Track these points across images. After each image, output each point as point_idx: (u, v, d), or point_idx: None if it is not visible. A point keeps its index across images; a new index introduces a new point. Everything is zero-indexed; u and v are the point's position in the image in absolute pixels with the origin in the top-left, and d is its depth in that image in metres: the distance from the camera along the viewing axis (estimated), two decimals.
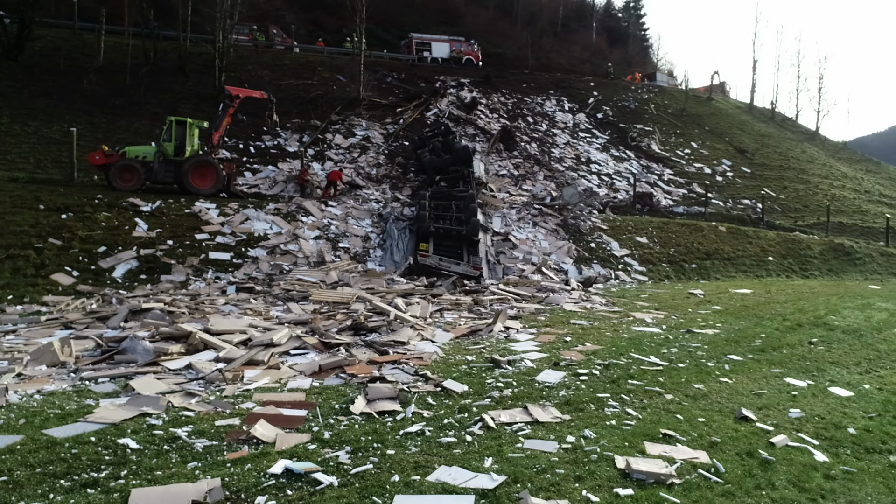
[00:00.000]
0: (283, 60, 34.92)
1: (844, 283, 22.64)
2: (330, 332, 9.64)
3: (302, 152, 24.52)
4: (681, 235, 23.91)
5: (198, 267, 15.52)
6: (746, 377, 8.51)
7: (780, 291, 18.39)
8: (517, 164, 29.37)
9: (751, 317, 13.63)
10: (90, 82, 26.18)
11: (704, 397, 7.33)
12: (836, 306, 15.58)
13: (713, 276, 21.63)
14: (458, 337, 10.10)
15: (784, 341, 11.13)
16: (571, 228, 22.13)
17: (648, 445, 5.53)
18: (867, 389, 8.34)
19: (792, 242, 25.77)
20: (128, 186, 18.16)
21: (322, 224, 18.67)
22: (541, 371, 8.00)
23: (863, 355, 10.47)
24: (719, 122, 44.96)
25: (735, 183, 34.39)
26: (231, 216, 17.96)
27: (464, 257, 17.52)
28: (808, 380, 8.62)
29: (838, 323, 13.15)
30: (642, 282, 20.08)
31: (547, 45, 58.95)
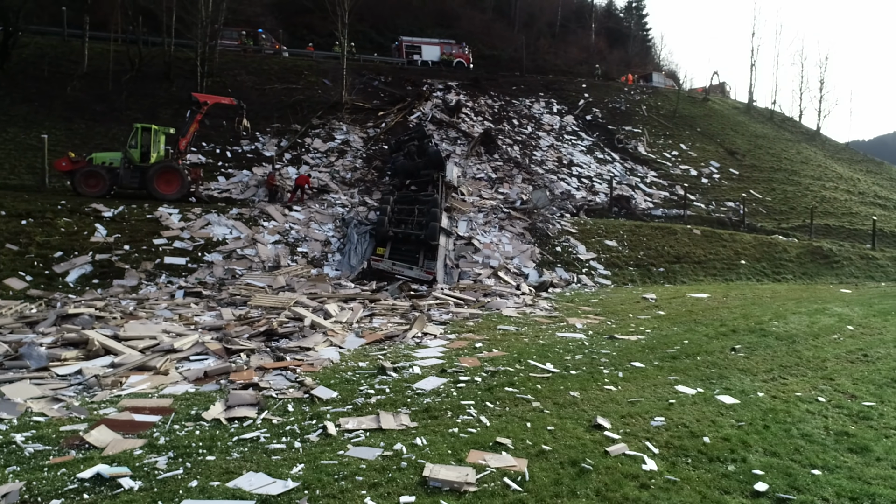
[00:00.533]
0: (270, 65, 35.33)
1: (815, 286, 22.49)
2: (241, 338, 9.87)
3: (273, 158, 24.80)
4: (652, 239, 23.88)
5: (151, 272, 15.86)
6: (635, 385, 8.60)
7: (738, 296, 18.33)
8: (496, 167, 29.47)
9: (688, 322, 13.67)
10: (74, 89, 26.70)
11: (573, 405, 7.44)
12: (786, 311, 15.55)
13: (680, 280, 21.59)
14: (371, 343, 10.29)
15: (705, 348, 11.18)
16: (538, 232, 22.21)
17: (472, 454, 5.68)
18: (758, 398, 8.38)
19: (768, 246, 25.61)
20: (93, 192, 18.58)
21: (283, 229, 18.95)
22: (423, 378, 8.16)
23: (780, 362, 10.50)
24: (712, 123, 44.66)
25: (721, 185, 34.19)
26: (192, 221, 18.30)
27: (419, 262, 17.69)
28: (701, 388, 8.69)
29: (776, 329, 13.15)
30: (604, 286, 20.11)
31: (544, 47, 58.90)
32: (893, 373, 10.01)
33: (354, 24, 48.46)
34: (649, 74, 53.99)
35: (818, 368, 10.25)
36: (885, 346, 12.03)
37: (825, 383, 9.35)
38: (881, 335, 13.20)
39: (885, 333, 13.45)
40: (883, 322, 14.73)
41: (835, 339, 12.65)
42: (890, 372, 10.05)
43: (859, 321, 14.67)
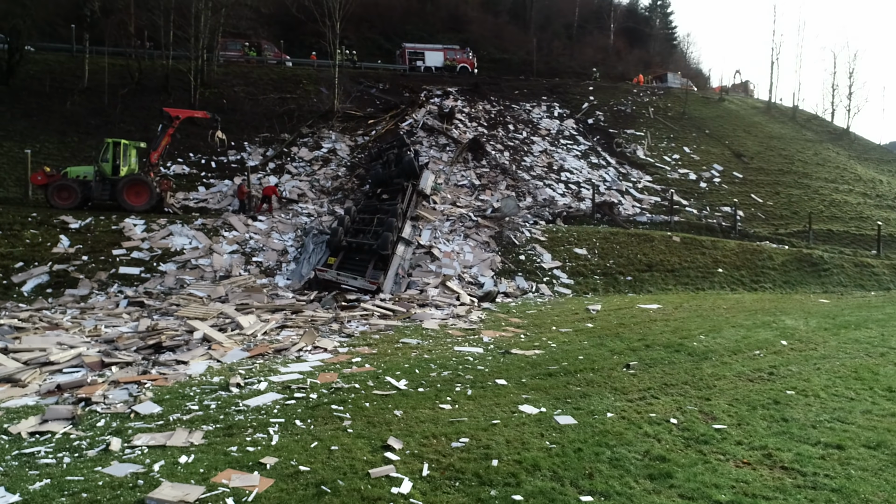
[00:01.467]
0: (269, 75, 36.25)
1: (790, 296, 21.83)
2: (128, 350, 10.37)
3: (248, 168, 25.51)
4: (626, 246, 23.57)
5: (104, 281, 16.64)
6: (478, 404, 8.68)
7: (694, 307, 17.99)
8: (482, 173, 29.56)
9: (608, 336, 13.54)
10: (73, 103, 28.05)
11: (385, 425, 7.60)
12: (726, 324, 15.26)
13: (646, 290, 21.28)
14: (254, 356, 10.65)
15: (598, 364, 11.11)
16: (505, 240, 22.23)
17: (225, 473, 5.93)
18: (603, 419, 8.27)
19: (752, 253, 24.94)
20: (65, 205, 19.58)
21: (242, 239, 19.56)
22: (262, 395, 8.46)
23: (667, 380, 10.36)
24: (724, 124, 43.56)
25: (720, 189, 33.38)
26: (155, 232, 19.08)
27: (367, 272, 18.00)
28: (546, 407, 8.67)
29: (697, 344, 12.93)
30: (563, 295, 20.01)
31: (558, 49, 58.47)
32: (781, 394, 9.77)
33: (363, 32, 49.40)
34: (664, 75, 52.96)
35: (705, 387, 10.08)
36: (805, 363, 11.70)
37: (697, 403, 9.20)
38: (814, 351, 12.86)
39: (819, 349, 13.10)
40: (829, 336, 14.31)
41: (755, 355, 12.39)
42: (778, 393, 9.80)
43: (803, 335, 14.28)
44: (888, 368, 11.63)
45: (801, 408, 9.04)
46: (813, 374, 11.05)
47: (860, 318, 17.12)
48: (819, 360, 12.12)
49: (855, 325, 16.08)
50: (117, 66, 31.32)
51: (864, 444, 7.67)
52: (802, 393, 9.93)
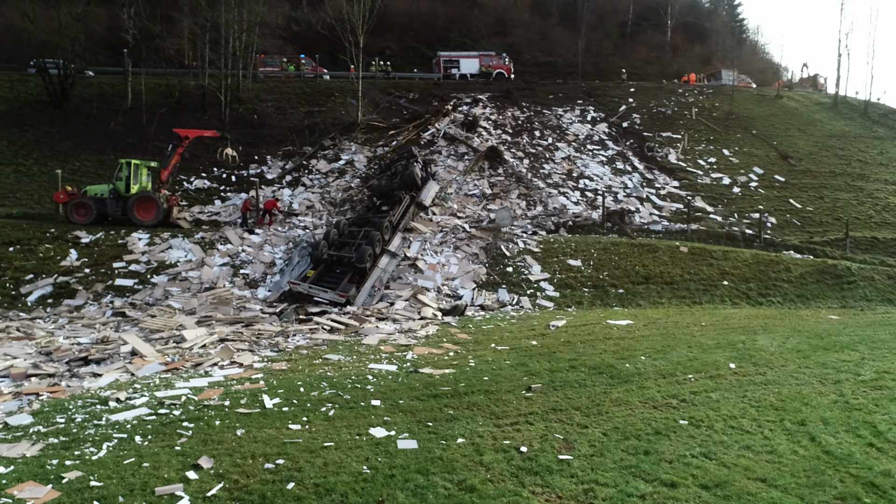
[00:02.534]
0: (304, 89, 37.75)
1: (796, 312, 20.56)
2: (60, 362, 11.47)
3: (257, 183, 26.79)
4: (627, 257, 22.97)
5: (100, 293, 18.19)
6: (332, 425, 9.00)
7: (669, 324, 17.39)
8: (496, 182, 29.58)
9: (542, 355, 13.41)
10: (117, 123, 30.51)
11: (217, 443, 8.08)
12: (683, 345, 14.72)
13: (636, 303, 20.67)
14: (169, 370, 11.47)
15: (496, 386, 11.08)
16: (495, 252, 22.26)
17: (26, 485, 6.66)
18: (452, 444, 8.28)
19: (766, 264, 23.62)
20: (82, 220, 21.47)
21: (235, 251, 20.72)
22: (134, 409, 9.19)
23: (559, 405, 10.17)
24: (777, 123, 41.14)
25: (755, 194, 31.63)
26: (157, 245, 20.58)
27: (341, 284, 18.61)
28: (403, 430, 8.84)
29: (629, 366, 12.63)
30: (544, 307, 19.82)
31: (608, 49, 57.09)
32: (672, 423, 9.42)
33: (406, 41, 50.38)
34: (718, 72, 50.56)
35: (594, 414, 9.92)
36: (734, 390, 11.10)
37: (570, 431, 9.01)
38: (760, 376, 12.23)
39: (769, 374, 12.50)
40: (796, 359, 13.52)
41: (686, 379, 11.99)
42: (670, 422, 9.37)
43: (763, 358, 13.61)
44: (824, 399, 10.96)
45: (679, 440, 8.70)
46: (729, 403, 10.59)
47: (855, 339, 16.02)
48: (756, 386, 11.57)
49: (841, 346, 15.11)
50: (161, 86, 33.73)
51: (701, 484, 7.45)
52: (696, 423, 9.60)
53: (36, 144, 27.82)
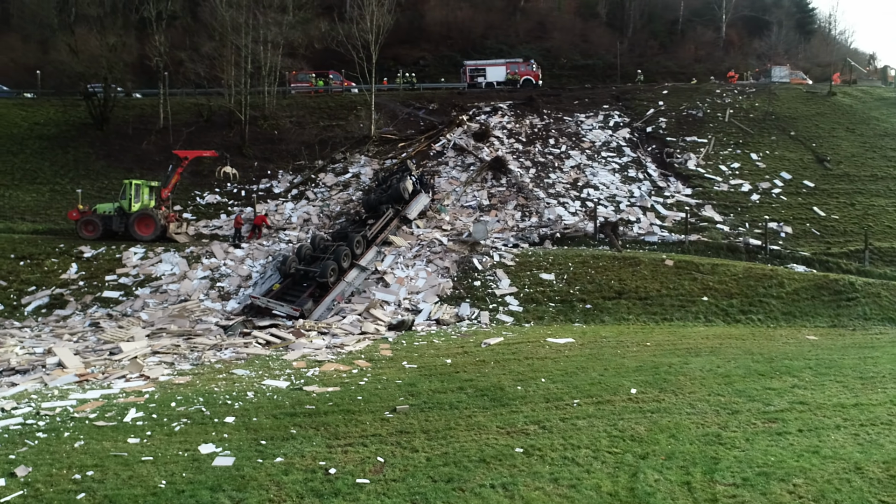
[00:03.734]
0: (329, 103, 39.23)
1: (773, 331, 19.45)
2: None
3: (254, 199, 28.25)
4: (604, 271, 22.54)
5: (87, 304, 20.07)
6: (169, 440, 9.69)
7: (612, 343, 17.00)
8: (497, 192, 29.68)
9: (441, 375, 13.64)
10: (149, 143, 33.09)
11: (50, 454, 8.98)
12: (600, 366, 14.48)
13: (600, 320, 20.30)
14: (81, 381, 12.73)
15: (367, 406, 11.47)
16: (466, 265, 22.49)
17: None
18: (270, 463, 8.79)
19: (758, 279, 22.43)
20: (90, 236, 23.63)
21: (216, 265, 22.16)
22: (7, 419, 10.40)
23: (410, 428, 10.28)
24: (822, 122, 38.51)
25: (775, 202, 29.91)
26: (149, 259, 22.37)
27: (300, 299, 19.55)
28: (235, 449, 9.41)
29: (521, 389, 12.53)
30: (503, 323, 19.89)
31: (654, 49, 55.28)
32: (506, 450, 9.48)
33: (442, 50, 51.07)
34: (767, 69, 47.79)
35: (437, 438, 10.07)
36: (608, 417, 10.87)
37: (395, 454, 9.24)
38: (656, 403, 11.89)
39: (666, 402, 12.16)
40: (713, 385, 12.85)
41: (571, 404, 11.92)
42: (502, 448, 9.50)
43: (676, 384, 13.07)
44: (699, 431, 10.24)
45: (495, 469, 8.65)
46: (588, 432, 10.31)
47: (808, 364, 15.11)
48: (639, 413, 11.21)
49: (783, 371, 14.32)
50: (194, 106, 36.19)
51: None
52: (530, 452, 9.42)
53: (74, 164, 30.72)
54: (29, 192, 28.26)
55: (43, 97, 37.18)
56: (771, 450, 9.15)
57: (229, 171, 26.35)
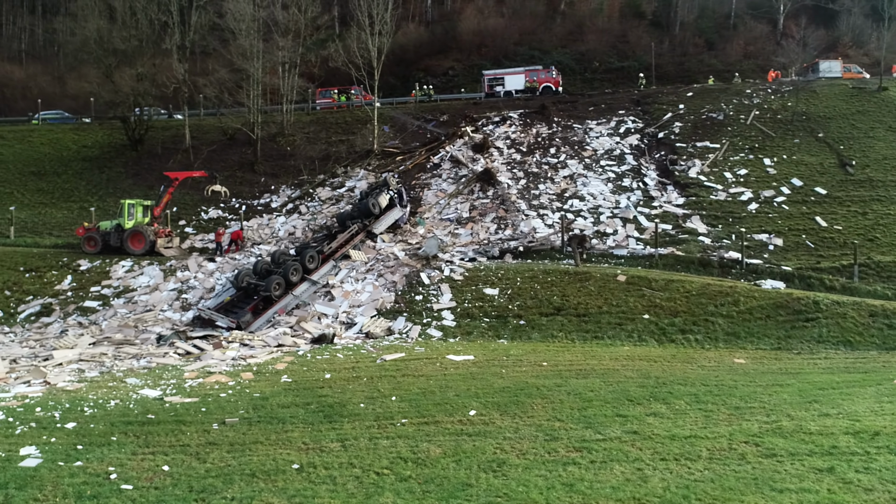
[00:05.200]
0: (346, 118, 40.93)
1: (700, 353, 18.62)
2: None
3: (242, 215, 30.19)
4: (550, 286, 22.42)
5: (69, 312, 22.67)
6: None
7: (509, 363, 17.05)
8: (478, 205, 30.02)
9: (296, 391, 14.33)
10: (175, 161, 36.23)
11: None
12: (469, 386, 14.63)
13: (527, 337, 20.21)
14: None
15: (199, 418, 12.62)
16: (414, 280, 23.15)
17: None
18: (62, 465, 10.19)
19: (711, 296, 21.45)
20: (91, 251, 26.50)
21: (187, 277, 24.21)
22: None
23: (221, 441, 10.97)
24: (861, 121, 35.53)
25: (775, 211, 28.12)
26: (133, 272, 24.81)
27: (243, 311, 21.07)
28: (51, 452, 10.61)
29: (363, 406, 13.15)
30: (431, 337, 20.33)
31: (698, 47, 52.82)
32: (267, 466, 10.17)
33: (474, 59, 51.63)
34: (814, 64, 44.39)
35: (236, 452, 10.94)
36: (392, 439, 11.29)
37: (185, 463, 9.94)
38: (480, 426, 12.18)
39: (491, 425, 12.40)
40: (568, 410, 12.75)
41: (398, 423, 12.43)
42: (268, 465, 10.18)
43: (528, 407, 13.08)
44: (473, 458, 10.31)
45: (243, 483, 9.16)
46: (370, 452, 10.57)
47: (699, 391, 14.62)
48: (453, 435, 11.30)
49: (663, 398, 13.89)
50: (217, 126, 39.06)
51: None
52: (302, 469, 10.05)
53: (106, 183, 34.27)
54: (62, 209, 31.94)
55: (96, 122, 41.57)
56: (532, 480, 8.91)
57: (218, 190, 28.52)
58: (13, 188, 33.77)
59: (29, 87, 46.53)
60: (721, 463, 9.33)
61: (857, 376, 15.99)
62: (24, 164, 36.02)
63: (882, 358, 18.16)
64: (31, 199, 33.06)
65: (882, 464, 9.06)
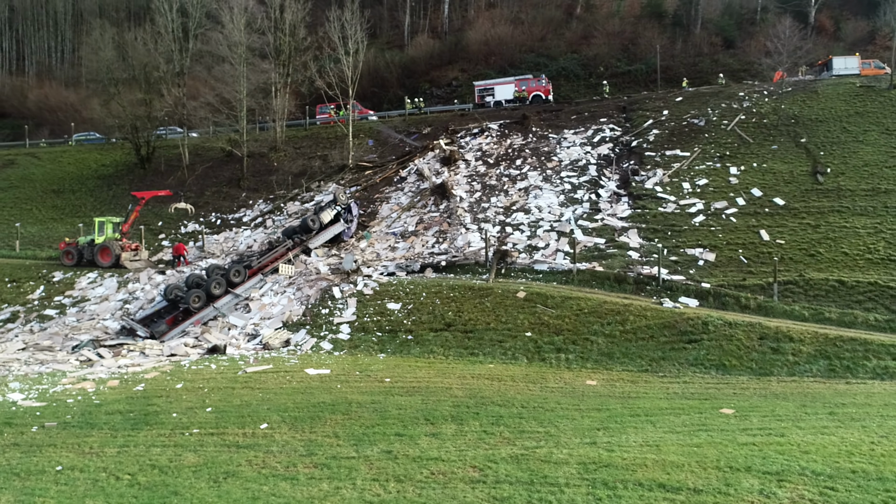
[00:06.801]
0: (336, 132, 42.69)
1: (547, 372, 18.57)
2: None
3: (204, 231, 32.41)
4: (450, 302, 22.98)
5: (30, 319, 25.66)
6: None
7: (360, 377, 17.95)
8: (427, 218, 30.81)
9: (115, 402, 15.94)
10: (174, 178, 39.44)
11: None
12: (276, 401, 15.50)
13: (408, 352, 20.83)
14: None
15: (13, 421, 14.57)
16: (326, 294, 24.39)
17: None
18: None
19: (604, 314, 21.22)
20: (69, 263, 29.63)
21: (136, 289, 26.66)
22: None
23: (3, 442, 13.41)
24: (854, 125, 33.22)
25: (720, 224, 27.04)
26: (94, 283, 27.60)
27: (158, 322, 23.13)
28: None
29: (175, 416, 14.74)
30: (321, 349, 21.48)
31: (714, 46, 50.60)
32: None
33: (480, 69, 52.20)
34: (828, 62, 41.51)
35: (13, 452, 13.01)
36: (129, 448, 12.91)
37: None
38: (232, 437, 12.84)
39: (243, 438, 13.00)
40: (341, 427, 13.50)
41: (187, 437, 13.84)
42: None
43: (313, 422, 14.23)
44: (183, 477, 10.83)
45: None
46: (106, 459, 11.86)
47: (482, 414, 14.54)
48: (178, 448, 11.66)
49: (444, 418, 14.18)
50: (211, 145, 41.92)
51: None
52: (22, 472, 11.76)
53: (110, 200, 37.87)
54: (67, 224, 35.68)
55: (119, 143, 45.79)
56: (235, 492, 9.61)
57: (182, 207, 31.00)
58: (33, 205, 38.08)
59: (78, 111, 51.64)
60: (422, 486, 9.69)
61: (691, 403, 15.66)
62: (48, 182, 40.45)
63: (747, 384, 17.51)
64: (45, 214, 37.17)
65: (568, 496, 9.11)
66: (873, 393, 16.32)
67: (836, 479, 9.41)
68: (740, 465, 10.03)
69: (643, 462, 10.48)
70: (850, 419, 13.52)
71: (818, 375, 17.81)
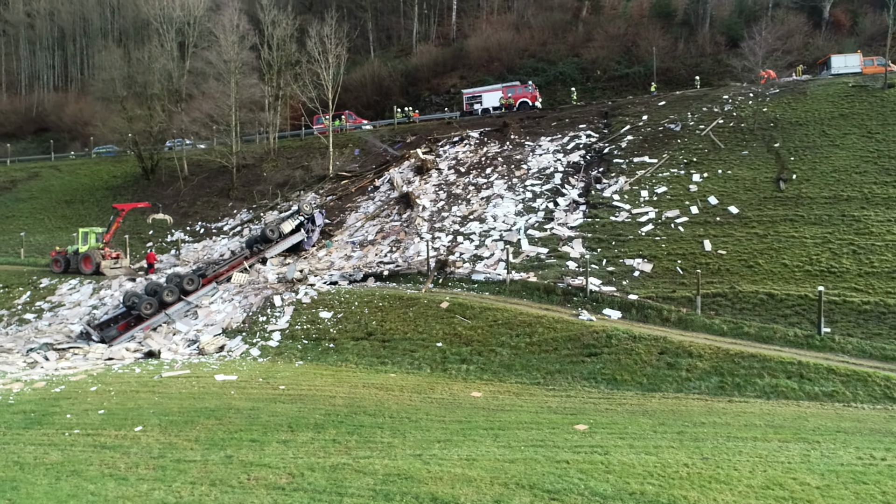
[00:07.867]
0: (326, 142, 44.08)
1: (445, 382, 19.01)
2: None
3: (180, 241, 34.18)
4: (377, 311, 23.70)
5: (9, 322, 28.02)
6: None
7: (260, 384, 18.96)
8: (387, 228, 31.63)
9: (46, 401, 17.71)
10: (174, 188, 41.78)
11: None
12: (147, 408, 16.47)
13: (323, 360, 21.64)
14: None
15: None
16: (269, 302, 25.58)
17: None
18: None
19: (517, 326, 21.48)
20: (57, 271, 32.04)
21: (109, 295, 28.65)
22: None
23: None
24: (835, 127, 31.89)
25: (666, 233, 26.65)
26: (73, 289, 29.80)
27: (110, 327, 24.89)
28: None
29: (70, 418, 16.32)
30: (250, 356, 22.67)
31: (718, 46, 49.16)
32: None
33: (480, 75, 52.65)
34: (826, 60, 39.72)
35: None
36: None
37: None
38: (95, 438, 14.70)
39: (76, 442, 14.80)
40: (174, 437, 14.99)
41: (66, 437, 15.36)
42: None
43: (180, 419, 15.56)
44: (48, 468, 12.80)
45: None
46: None
47: (374, 423, 15.72)
48: (82, 446, 13.34)
49: (323, 427, 15.05)
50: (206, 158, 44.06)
51: None
52: None
53: (113, 209, 40.40)
54: (70, 232, 38.42)
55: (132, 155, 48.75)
56: (63, 487, 10.65)
57: (160, 218, 32.96)
58: (45, 215, 41.20)
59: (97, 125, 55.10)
60: (225, 490, 10.43)
61: (555, 418, 15.88)
62: (62, 193, 43.60)
63: (629, 399, 17.51)
64: (53, 223, 40.16)
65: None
66: (745, 413, 16.02)
67: (609, 499, 9.51)
68: (528, 482, 10.17)
69: (442, 476, 10.76)
70: (693, 440, 13.44)
71: (705, 392, 17.57)
